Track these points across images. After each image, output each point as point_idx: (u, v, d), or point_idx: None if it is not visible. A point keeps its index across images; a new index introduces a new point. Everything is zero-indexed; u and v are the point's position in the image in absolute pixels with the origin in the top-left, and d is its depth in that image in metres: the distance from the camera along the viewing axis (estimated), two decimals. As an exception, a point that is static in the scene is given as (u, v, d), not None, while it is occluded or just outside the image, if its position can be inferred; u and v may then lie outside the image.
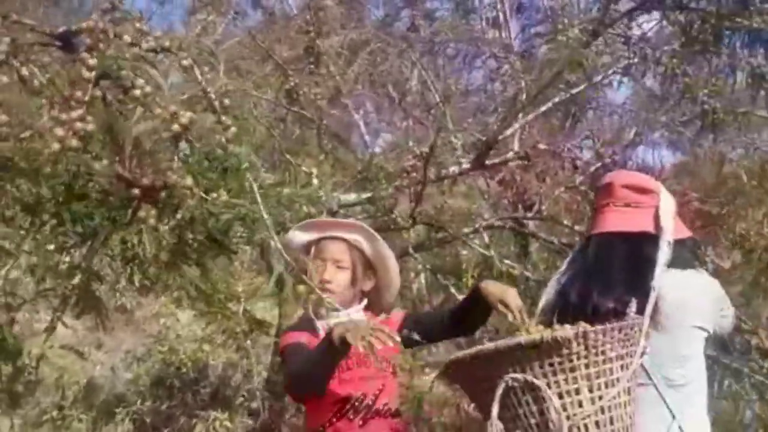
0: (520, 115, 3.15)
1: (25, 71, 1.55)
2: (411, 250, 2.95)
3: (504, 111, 3.48)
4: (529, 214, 3.15)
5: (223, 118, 1.57)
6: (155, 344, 5.02)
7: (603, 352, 1.36)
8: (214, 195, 1.54)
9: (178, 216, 1.46)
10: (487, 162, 2.97)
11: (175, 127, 1.43)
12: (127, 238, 1.82)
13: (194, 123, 1.45)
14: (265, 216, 1.60)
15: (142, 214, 1.46)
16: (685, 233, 1.70)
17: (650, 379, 1.50)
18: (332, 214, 2.94)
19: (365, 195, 2.74)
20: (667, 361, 1.51)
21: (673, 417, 1.49)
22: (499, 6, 5.08)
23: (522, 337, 1.39)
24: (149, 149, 1.39)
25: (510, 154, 3.08)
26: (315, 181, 3.28)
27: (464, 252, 3.96)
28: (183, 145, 1.55)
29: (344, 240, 1.90)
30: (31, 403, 4.24)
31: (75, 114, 1.39)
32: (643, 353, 1.42)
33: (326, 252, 1.89)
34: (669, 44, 2.39)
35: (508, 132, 2.86)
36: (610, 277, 1.57)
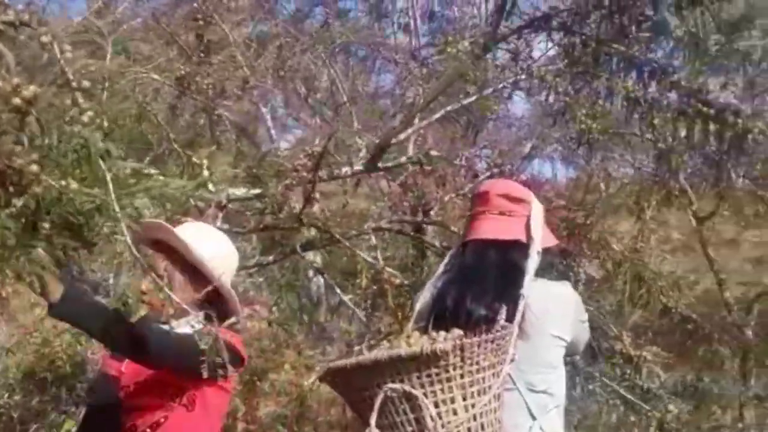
0: (416, 120, 3.21)
1: None
2: (299, 249, 2.93)
3: (402, 117, 3.53)
4: (419, 218, 3.21)
5: (81, 100, 1.47)
6: (28, 335, 4.71)
7: (477, 362, 1.42)
8: (64, 183, 1.43)
9: (19, 203, 1.35)
10: (381, 165, 2.99)
11: (17, 101, 1.32)
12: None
13: (39, 98, 1.34)
14: (116, 209, 1.50)
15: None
16: (552, 241, 1.80)
17: (514, 384, 1.57)
18: (221, 208, 2.87)
19: (254, 191, 2.69)
20: (529, 367, 1.59)
21: (534, 418, 1.57)
22: (410, 12, 5.16)
23: (402, 349, 1.43)
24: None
25: (403, 159, 3.12)
26: (205, 173, 3.18)
27: (362, 254, 4.00)
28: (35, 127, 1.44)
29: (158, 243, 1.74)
30: None
31: None
32: (512, 360, 1.49)
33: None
34: (554, 64, 2.51)
35: (402, 136, 2.90)
36: (483, 284, 1.63)
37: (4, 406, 4.11)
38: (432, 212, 3.71)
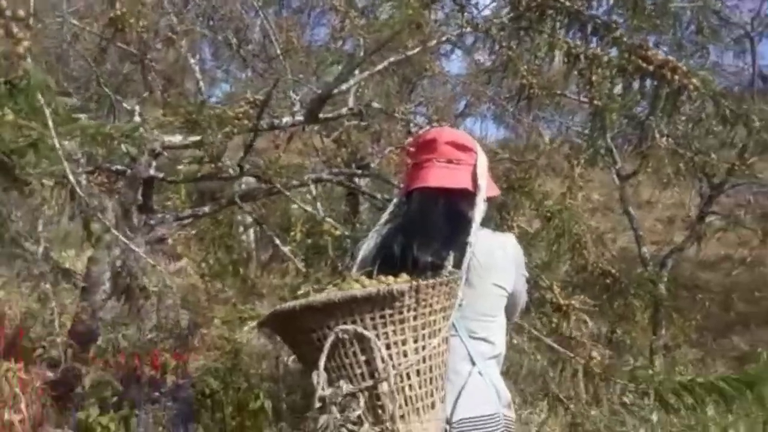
0: (357, 72, 3.16)
1: None
2: (237, 200, 2.86)
3: (342, 68, 3.47)
4: (360, 171, 3.20)
5: (15, 29, 1.37)
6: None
7: (430, 305, 1.43)
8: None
9: None
10: (321, 116, 2.95)
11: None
12: None
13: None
14: (57, 145, 1.43)
15: None
16: (495, 192, 1.81)
17: (456, 330, 1.59)
18: (155, 155, 2.77)
19: (193, 138, 2.59)
20: (470, 314, 1.61)
21: (473, 364, 1.60)
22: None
23: (357, 290, 1.41)
24: None
25: (344, 110, 3.08)
26: (137, 118, 3.05)
27: (294, 206, 3.96)
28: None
29: None
30: None
31: None
32: (460, 305, 1.51)
33: None
34: (498, 17, 2.52)
35: (343, 87, 2.86)
36: (430, 231, 1.63)
37: None
38: (371, 167, 3.70)
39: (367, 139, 4.57)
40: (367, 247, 1.72)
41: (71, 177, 1.44)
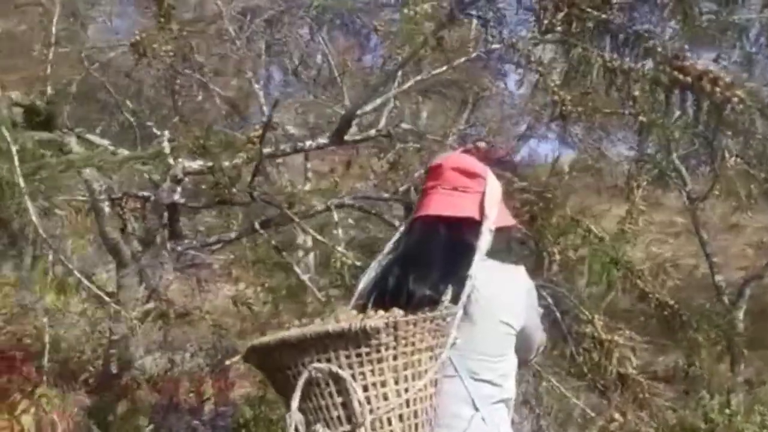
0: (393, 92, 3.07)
1: None
2: (257, 226, 2.80)
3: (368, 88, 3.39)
4: (388, 196, 3.08)
5: None
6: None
7: (413, 343, 1.29)
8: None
9: None
10: (347, 138, 2.86)
11: None
12: None
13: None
14: (21, 182, 1.39)
15: None
16: (509, 221, 1.66)
17: (456, 371, 1.44)
18: (177, 181, 2.75)
19: (207, 164, 2.55)
20: (473, 353, 1.46)
21: (476, 409, 1.44)
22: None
23: (330, 325, 1.30)
24: None
25: (372, 132, 2.98)
26: (166, 145, 3.05)
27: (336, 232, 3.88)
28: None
29: None
30: None
31: None
32: (453, 344, 1.36)
33: None
34: (524, 28, 2.36)
35: (368, 108, 2.76)
36: (428, 262, 1.50)
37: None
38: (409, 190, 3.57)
39: (417, 162, 4.46)
40: (366, 278, 1.60)
41: (35, 217, 1.38)
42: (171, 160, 2.81)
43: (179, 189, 2.79)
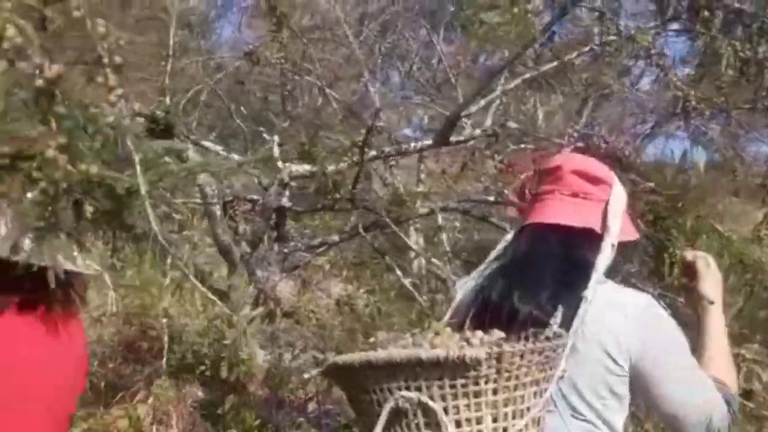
0: (499, 90, 2.96)
1: None
2: (361, 230, 2.78)
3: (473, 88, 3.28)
4: (493, 198, 2.96)
5: (111, 76, 1.37)
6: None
7: (516, 377, 1.16)
8: (84, 167, 1.35)
9: (33, 192, 1.29)
10: (452, 139, 2.77)
11: (39, 82, 1.25)
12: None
13: (62, 78, 1.26)
14: (143, 191, 1.42)
15: (2, 188, 1.29)
16: (633, 235, 1.45)
17: (555, 406, 1.28)
18: (284, 185, 2.79)
19: (311, 169, 2.56)
20: (573, 389, 1.29)
21: None
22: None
23: (423, 351, 1.18)
24: (7, 110, 1.21)
25: (477, 132, 2.88)
26: (275, 150, 3.11)
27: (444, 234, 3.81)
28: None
29: None
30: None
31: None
32: (561, 377, 1.21)
33: None
34: (644, 18, 2.18)
35: (473, 108, 2.67)
36: (537, 277, 1.33)
37: (95, 374, 4.29)
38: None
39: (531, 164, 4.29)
40: (464, 289, 1.46)
41: (156, 225, 1.42)
42: (279, 164, 2.85)
43: (287, 193, 2.82)
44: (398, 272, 2.69)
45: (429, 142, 2.76)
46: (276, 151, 3.02)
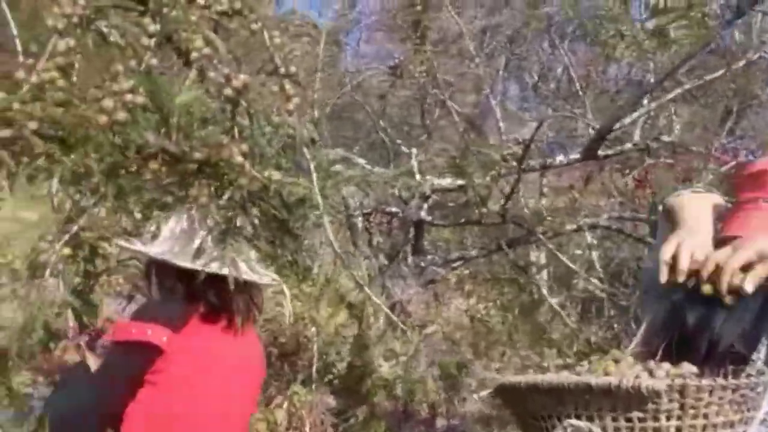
0: (646, 101, 2.81)
1: (110, 35, 1.51)
2: (504, 245, 2.72)
3: (628, 96, 3.12)
4: (647, 216, 2.80)
5: (288, 86, 1.43)
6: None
7: (705, 416, 1.04)
8: (267, 174, 1.41)
9: (225, 196, 1.35)
10: (600, 153, 2.65)
11: (228, 91, 1.32)
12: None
13: (248, 87, 1.33)
14: (319, 200, 1.46)
15: (193, 191, 1.36)
16: None
17: None
18: (425, 198, 2.79)
19: (458, 182, 2.54)
20: None
21: None
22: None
23: (594, 377, 1.10)
24: (199, 119, 1.29)
25: (627, 146, 2.74)
26: (414, 162, 3.12)
27: (578, 252, 3.67)
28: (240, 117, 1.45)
29: None
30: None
31: (126, 85, 1.31)
32: (763, 421, 1.09)
33: None
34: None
35: (627, 120, 2.53)
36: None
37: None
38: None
39: (672, 180, 4.07)
40: (652, 312, 1.29)
41: (330, 232, 1.46)
42: (418, 177, 2.86)
43: (425, 206, 2.82)
44: (544, 291, 2.59)
45: (576, 156, 2.66)
46: (414, 164, 3.04)
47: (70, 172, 1.44)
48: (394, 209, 2.94)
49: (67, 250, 1.59)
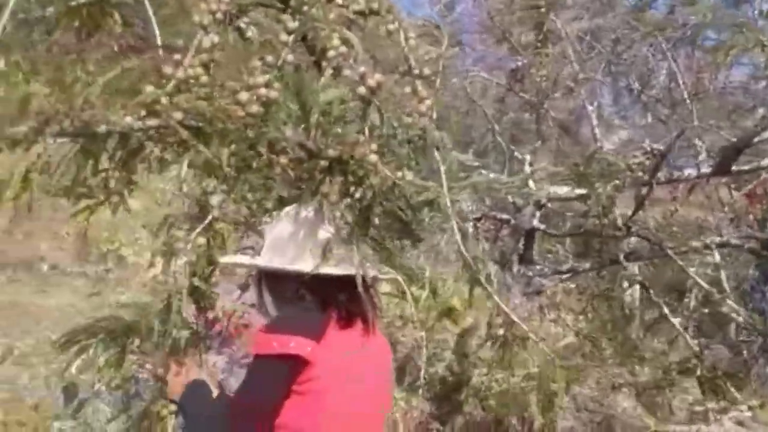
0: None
1: (248, 31, 1.55)
2: (622, 259, 2.57)
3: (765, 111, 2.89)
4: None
5: (420, 87, 1.40)
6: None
7: None
8: (400, 174, 1.39)
9: (357, 195, 1.33)
10: (734, 168, 2.47)
11: (362, 90, 1.30)
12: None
13: (383, 86, 1.30)
14: (448, 203, 1.43)
15: (324, 188, 1.36)
16: None
17: None
18: (539, 206, 2.69)
19: (578, 191, 2.42)
20: None
21: None
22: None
23: None
24: (336, 117, 1.28)
25: (765, 162, 2.54)
26: (527, 168, 3.03)
27: (692, 269, 3.45)
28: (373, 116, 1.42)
29: None
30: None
31: (261, 79, 1.32)
32: None
33: None
34: None
35: (766, 135, 2.34)
36: None
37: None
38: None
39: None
40: None
41: (456, 229, 1.42)
42: (531, 185, 2.77)
43: (538, 214, 2.73)
44: (665, 309, 2.44)
45: (706, 170, 2.48)
46: (527, 170, 2.95)
47: (203, 163, 1.47)
48: (504, 216, 2.86)
49: (201, 239, 1.63)
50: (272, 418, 1.37)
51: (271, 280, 1.54)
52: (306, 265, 1.47)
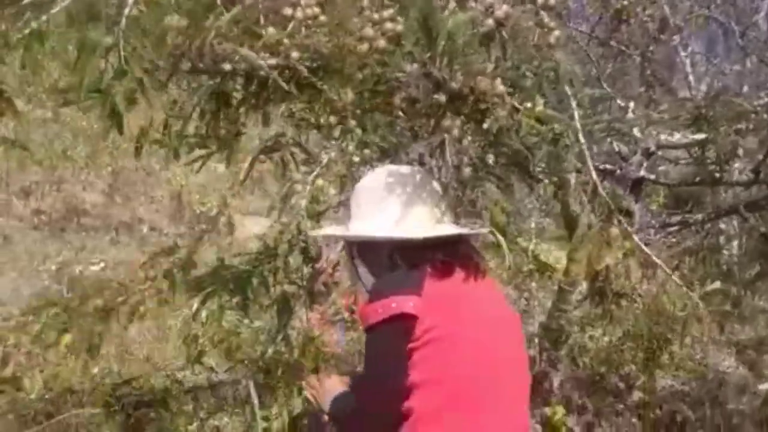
0: None
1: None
2: (742, 209, 2.41)
3: None
4: None
5: (546, 19, 1.34)
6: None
7: None
8: (528, 105, 1.34)
9: (484, 126, 1.29)
10: None
11: (490, 21, 1.25)
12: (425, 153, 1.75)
13: (510, 18, 1.25)
14: (582, 140, 1.37)
15: (446, 122, 1.33)
16: None
17: None
18: (648, 155, 2.56)
19: (697, 136, 2.27)
20: None
21: None
22: None
23: None
24: (461, 47, 1.24)
25: None
26: (630, 115, 2.89)
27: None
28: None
29: None
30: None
31: (386, 13, 1.29)
32: None
33: None
34: None
35: None
36: None
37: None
38: None
39: None
40: None
41: (593, 174, 1.37)
42: (638, 133, 2.63)
43: (645, 164, 2.60)
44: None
45: None
46: (631, 116, 2.81)
47: (324, 102, 1.46)
48: (608, 166, 2.73)
49: (321, 181, 1.64)
50: (404, 384, 1.36)
51: (364, 250, 1.53)
52: (398, 231, 1.46)
